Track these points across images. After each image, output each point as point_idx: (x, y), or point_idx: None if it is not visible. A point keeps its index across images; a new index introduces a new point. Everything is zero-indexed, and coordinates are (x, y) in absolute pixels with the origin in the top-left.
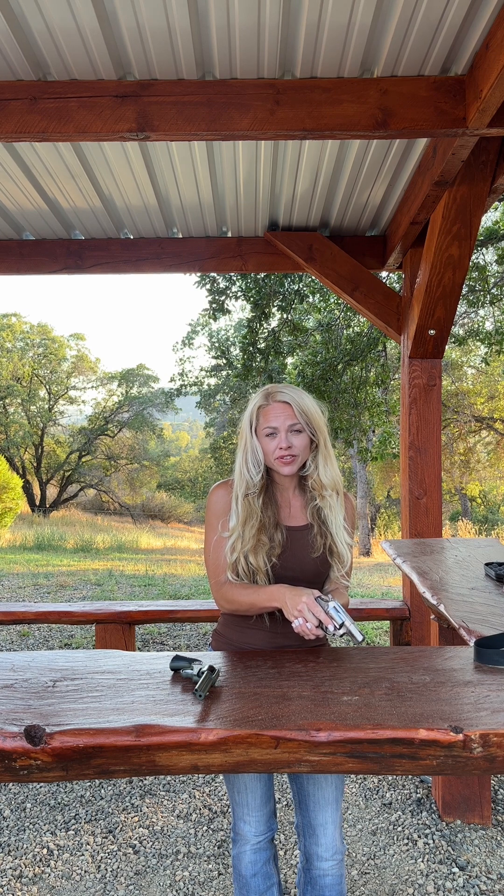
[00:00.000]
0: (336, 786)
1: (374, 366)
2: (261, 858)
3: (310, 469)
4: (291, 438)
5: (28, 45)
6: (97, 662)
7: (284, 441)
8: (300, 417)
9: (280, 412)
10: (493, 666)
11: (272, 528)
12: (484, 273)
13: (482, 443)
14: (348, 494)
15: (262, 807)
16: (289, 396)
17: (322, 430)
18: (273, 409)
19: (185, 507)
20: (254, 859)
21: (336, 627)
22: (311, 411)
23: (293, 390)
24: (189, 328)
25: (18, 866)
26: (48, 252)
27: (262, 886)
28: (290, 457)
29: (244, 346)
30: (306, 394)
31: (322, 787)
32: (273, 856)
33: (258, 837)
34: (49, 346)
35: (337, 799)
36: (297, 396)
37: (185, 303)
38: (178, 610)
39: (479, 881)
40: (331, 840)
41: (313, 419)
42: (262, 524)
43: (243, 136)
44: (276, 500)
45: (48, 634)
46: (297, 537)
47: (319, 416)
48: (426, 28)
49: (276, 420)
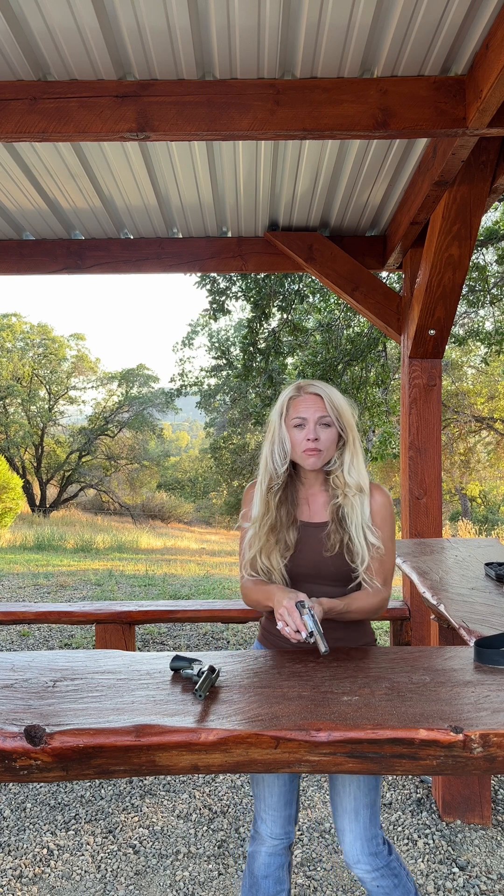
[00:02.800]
0: (355, 796)
1: (375, 366)
2: (275, 862)
3: (335, 465)
4: (319, 431)
5: (28, 45)
6: (97, 662)
7: (312, 433)
8: (331, 411)
9: (311, 404)
10: (493, 666)
11: (284, 527)
12: (484, 273)
13: (482, 443)
14: (382, 492)
15: (279, 807)
16: (321, 389)
17: (352, 427)
18: (304, 400)
19: (185, 507)
20: (268, 861)
21: (308, 635)
22: (343, 407)
23: (326, 385)
24: (189, 328)
25: (18, 866)
26: (48, 252)
27: (272, 890)
28: (316, 450)
29: (244, 347)
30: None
31: (341, 795)
32: (288, 863)
33: (274, 840)
34: (49, 346)
35: (356, 809)
36: (329, 391)
37: (185, 303)
38: (178, 610)
39: (479, 881)
40: (349, 847)
41: (344, 415)
42: (272, 524)
43: (243, 136)
44: (295, 497)
45: (48, 634)
46: (314, 535)
47: (350, 413)
48: (426, 28)
49: (306, 411)
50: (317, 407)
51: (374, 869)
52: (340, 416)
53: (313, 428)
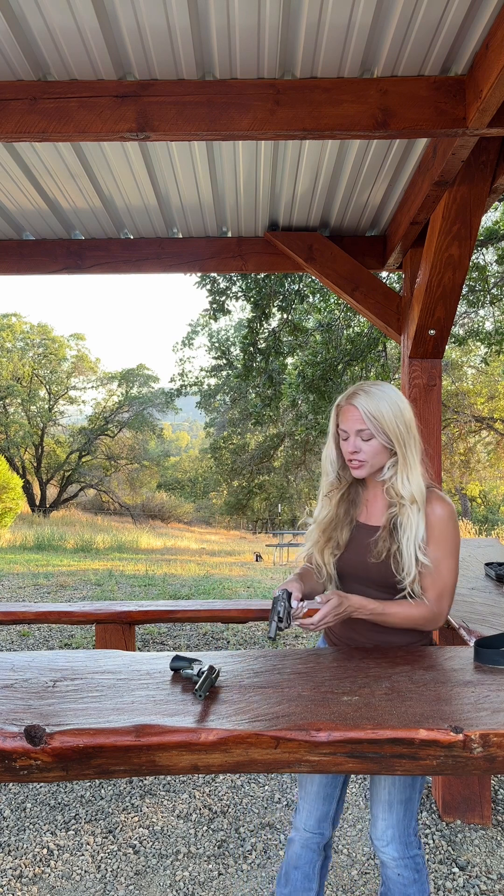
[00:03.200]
0: (389, 790)
1: (374, 366)
2: (305, 856)
3: (386, 475)
4: (360, 444)
5: (28, 45)
6: (97, 662)
7: (353, 445)
8: (369, 423)
9: (349, 416)
10: (493, 666)
11: (339, 527)
12: (484, 273)
13: (482, 443)
14: (444, 503)
15: (317, 801)
16: (361, 401)
17: (400, 438)
18: (345, 411)
19: (185, 507)
20: (299, 853)
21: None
22: (385, 418)
23: (371, 395)
24: (189, 328)
25: (18, 866)
26: (48, 252)
27: (300, 884)
28: (357, 461)
29: (244, 347)
30: (389, 398)
31: (377, 785)
32: (320, 864)
33: (307, 832)
34: (49, 346)
35: (390, 802)
36: (371, 402)
37: (185, 303)
38: (178, 610)
39: (479, 881)
40: (381, 833)
41: (387, 426)
42: (329, 520)
43: (243, 136)
44: (357, 498)
45: (48, 634)
46: (365, 537)
47: (397, 423)
48: (426, 28)
49: (346, 423)
50: (355, 419)
51: (400, 857)
52: (383, 428)
53: (353, 441)
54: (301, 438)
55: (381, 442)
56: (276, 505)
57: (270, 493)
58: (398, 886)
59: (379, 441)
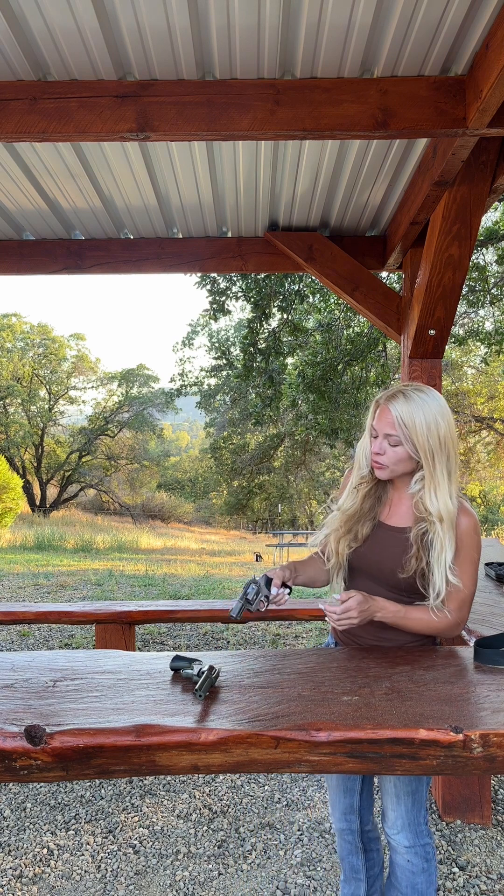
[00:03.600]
0: (395, 783)
1: (375, 366)
2: (345, 846)
3: (414, 488)
4: (385, 447)
5: (28, 45)
6: (97, 662)
7: (378, 447)
8: (399, 431)
9: (383, 417)
10: (493, 666)
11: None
12: (484, 273)
13: (482, 443)
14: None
15: (336, 793)
16: (397, 405)
17: (428, 452)
18: (381, 410)
19: (186, 507)
20: (340, 844)
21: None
22: (417, 429)
23: (411, 402)
24: (189, 328)
25: (18, 866)
26: (48, 252)
27: (348, 872)
28: (378, 464)
29: (244, 347)
30: (428, 409)
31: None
32: (357, 852)
33: (338, 824)
34: (49, 346)
35: (398, 795)
36: (407, 409)
37: (185, 303)
38: (178, 610)
39: (479, 881)
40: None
41: (416, 437)
42: (354, 512)
43: (243, 136)
44: (382, 495)
45: (48, 634)
46: (384, 537)
47: (428, 437)
48: (426, 28)
49: (378, 423)
50: (386, 422)
51: (411, 845)
52: (412, 438)
53: (380, 443)
54: (301, 438)
55: (408, 450)
56: (276, 505)
57: (270, 493)
58: (406, 874)
59: (405, 449)
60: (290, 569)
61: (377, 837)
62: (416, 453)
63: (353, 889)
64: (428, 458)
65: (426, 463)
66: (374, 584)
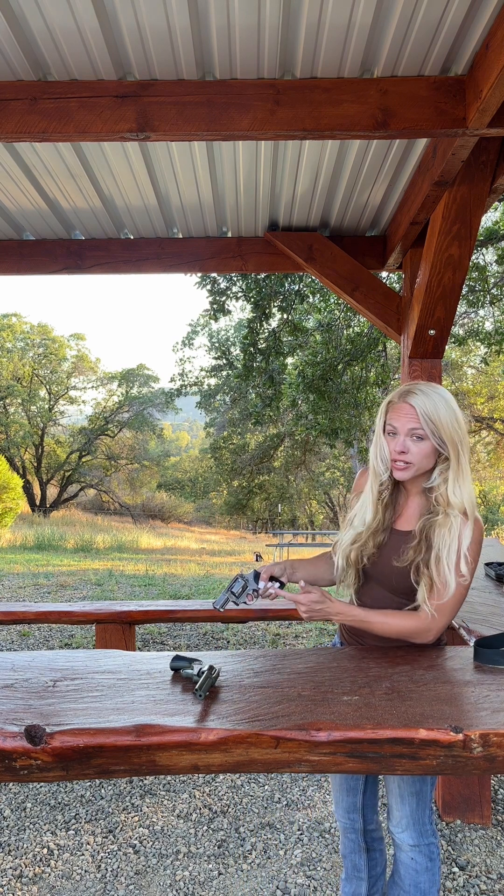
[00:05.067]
0: (399, 784)
1: (374, 366)
2: (348, 843)
3: (436, 482)
4: (409, 444)
5: (28, 45)
6: (97, 662)
7: (401, 445)
8: (425, 424)
9: (404, 413)
10: (493, 666)
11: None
12: (484, 273)
13: (482, 443)
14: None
15: (339, 791)
16: (418, 399)
17: (454, 443)
18: (399, 408)
19: (186, 507)
20: (342, 841)
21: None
22: (442, 421)
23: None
24: (189, 328)
25: (18, 866)
26: (48, 252)
27: (350, 871)
28: (403, 463)
29: (244, 347)
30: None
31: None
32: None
33: (341, 820)
34: (49, 346)
35: (402, 795)
36: (429, 402)
37: (185, 303)
38: (178, 610)
39: (479, 881)
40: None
41: (443, 429)
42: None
43: (243, 136)
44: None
45: (48, 634)
46: (393, 542)
47: (454, 428)
48: (426, 28)
49: (398, 421)
50: (409, 417)
51: (416, 844)
52: (439, 431)
53: (402, 440)
54: (301, 438)
55: (434, 444)
56: (276, 505)
57: (270, 493)
58: (410, 872)
59: (432, 443)
60: (283, 565)
61: (381, 837)
62: (444, 446)
63: (354, 888)
64: (456, 449)
65: (453, 455)
66: (382, 591)
